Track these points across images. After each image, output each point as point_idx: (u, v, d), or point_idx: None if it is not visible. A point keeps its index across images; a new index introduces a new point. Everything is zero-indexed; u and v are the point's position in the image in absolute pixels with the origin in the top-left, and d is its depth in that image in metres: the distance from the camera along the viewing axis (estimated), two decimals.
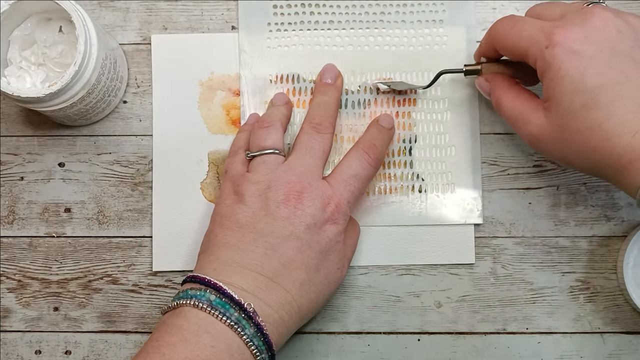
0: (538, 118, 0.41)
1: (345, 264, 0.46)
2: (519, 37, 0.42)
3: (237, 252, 0.42)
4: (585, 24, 0.40)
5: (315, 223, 0.43)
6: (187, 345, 0.38)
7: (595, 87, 0.38)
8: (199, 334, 0.38)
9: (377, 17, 0.51)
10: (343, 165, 0.46)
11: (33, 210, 0.51)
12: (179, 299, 0.40)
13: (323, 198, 0.43)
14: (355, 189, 0.45)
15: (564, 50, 0.39)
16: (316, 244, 0.43)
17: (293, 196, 0.43)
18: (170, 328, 0.39)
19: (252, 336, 0.39)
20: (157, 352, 0.38)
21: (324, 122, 0.47)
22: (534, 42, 0.40)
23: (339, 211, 0.44)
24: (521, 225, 0.50)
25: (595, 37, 0.39)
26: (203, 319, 0.39)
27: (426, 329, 0.49)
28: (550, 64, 0.39)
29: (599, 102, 0.38)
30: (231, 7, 0.51)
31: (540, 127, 0.41)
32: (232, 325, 0.39)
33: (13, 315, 0.50)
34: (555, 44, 0.39)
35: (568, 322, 0.49)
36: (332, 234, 0.44)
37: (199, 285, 0.41)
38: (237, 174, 0.46)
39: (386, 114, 0.49)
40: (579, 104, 0.39)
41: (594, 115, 0.38)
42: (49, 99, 0.45)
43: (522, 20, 0.43)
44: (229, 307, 0.39)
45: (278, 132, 0.47)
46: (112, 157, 0.51)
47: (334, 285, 0.45)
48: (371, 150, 0.46)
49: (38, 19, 0.48)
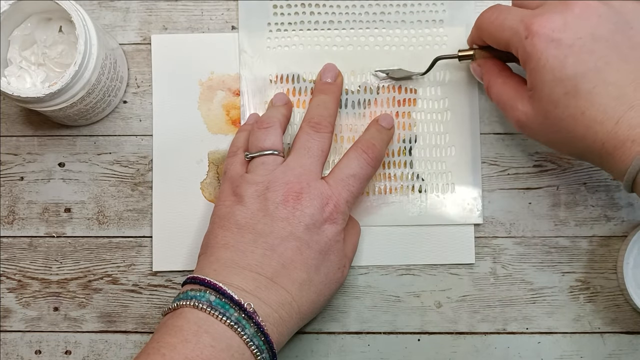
0: (524, 105, 0.42)
1: (347, 264, 0.46)
2: (501, 28, 0.42)
3: (237, 252, 0.42)
4: (564, 11, 0.39)
5: (314, 223, 0.43)
6: (187, 346, 0.38)
7: (575, 74, 0.38)
8: (199, 334, 0.38)
9: (377, 17, 0.51)
10: (341, 165, 0.46)
11: (33, 210, 0.51)
12: (179, 300, 0.41)
13: (322, 198, 0.44)
14: (354, 188, 0.45)
15: (543, 40, 0.39)
16: (315, 244, 0.43)
17: (292, 197, 0.43)
18: (171, 329, 0.39)
19: (252, 336, 0.39)
20: (157, 352, 0.38)
21: (322, 122, 0.47)
22: (514, 32, 0.41)
23: (338, 211, 0.44)
24: (521, 225, 0.50)
25: (575, 24, 0.39)
26: (203, 320, 0.39)
27: (426, 329, 0.49)
28: (530, 54, 0.39)
29: (580, 90, 0.38)
30: (231, 7, 0.51)
31: (527, 114, 0.42)
32: (232, 325, 0.39)
33: (13, 315, 0.50)
34: (534, 34, 0.39)
35: (568, 322, 0.49)
36: (332, 233, 0.44)
37: (199, 286, 0.41)
38: (236, 174, 0.46)
39: (386, 114, 0.49)
40: (561, 93, 0.39)
41: (576, 103, 0.39)
42: (49, 99, 0.45)
43: (505, 10, 0.43)
44: (228, 308, 0.39)
45: (277, 133, 0.47)
46: (112, 157, 0.51)
47: (335, 285, 0.45)
48: (370, 150, 0.46)
49: (38, 19, 0.48)
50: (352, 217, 0.48)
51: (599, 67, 0.38)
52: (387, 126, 0.48)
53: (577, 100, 0.39)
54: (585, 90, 0.38)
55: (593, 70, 0.38)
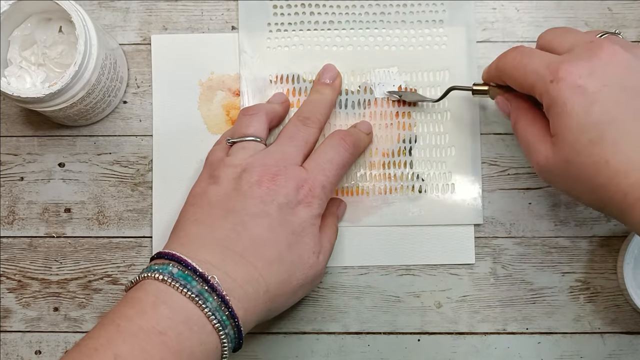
0: (547, 150, 0.41)
1: (323, 253, 0.45)
2: (525, 72, 0.41)
3: (206, 227, 0.42)
4: (592, 58, 0.39)
5: (287, 203, 0.42)
6: (144, 317, 0.36)
7: (601, 123, 0.37)
8: (157, 305, 0.37)
9: (377, 17, 0.51)
10: (319, 151, 0.46)
11: (33, 210, 0.51)
12: (141, 273, 0.39)
13: (297, 180, 0.43)
14: (330, 173, 0.45)
15: (569, 86, 0.38)
16: (288, 224, 0.42)
17: (267, 178, 0.43)
18: (129, 301, 0.38)
19: (215, 309, 0.38)
20: (112, 323, 0.36)
21: (312, 117, 0.47)
22: (539, 77, 0.40)
23: (313, 194, 0.43)
24: (521, 225, 0.50)
25: (602, 72, 0.38)
26: (163, 291, 0.38)
27: (426, 329, 0.49)
28: (555, 99, 0.39)
29: (605, 139, 0.37)
30: (231, 7, 0.51)
31: (549, 160, 0.40)
32: (193, 297, 0.37)
33: (13, 316, 0.50)
34: (560, 79, 0.38)
35: (568, 323, 0.49)
36: (306, 216, 0.43)
37: (163, 259, 0.40)
38: (216, 159, 0.45)
39: (364, 121, 0.50)
40: (585, 140, 0.38)
41: (600, 151, 0.37)
42: (49, 99, 0.45)
43: (529, 53, 0.42)
44: (191, 279, 0.38)
45: (261, 121, 0.46)
46: (112, 157, 0.51)
47: (311, 271, 0.44)
48: (348, 138, 0.46)
49: (38, 19, 0.48)
50: (330, 216, 0.47)
51: (626, 117, 0.37)
52: (365, 131, 0.49)
53: (601, 149, 0.37)
54: (611, 139, 0.37)
55: (619, 120, 0.37)
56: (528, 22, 0.51)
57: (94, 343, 0.35)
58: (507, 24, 0.51)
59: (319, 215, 0.44)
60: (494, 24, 0.51)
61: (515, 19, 0.51)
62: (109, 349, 0.35)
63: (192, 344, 0.37)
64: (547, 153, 0.40)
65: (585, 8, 0.51)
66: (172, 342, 0.36)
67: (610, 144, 0.37)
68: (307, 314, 0.49)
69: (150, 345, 0.35)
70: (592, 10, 0.51)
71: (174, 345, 0.36)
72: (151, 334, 0.36)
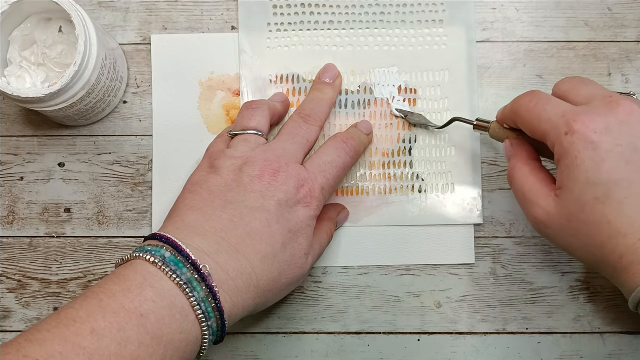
0: (548, 204, 0.40)
1: (312, 255, 0.45)
2: (539, 118, 0.40)
3: (204, 215, 0.41)
4: (608, 114, 0.38)
5: (287, 201, 0.42)
6: (128, 296, 0.36)
7: (609, 181, 0.37)
8: (144, 286, 0.36)
9: (377, 17, 0.51)
10: (320, 153, 0.46)
11: (33, 210, 0.51)
12: (133, 252, 0.39)
13: (298, 179, 0.43)
14: (330, 175, 0.45)
15: (583, 140, 0.38)
16: (286, 222, 0.42)
17: (268, 173, 0.43)
18: (117, 277, 0.37)
19: (201, 300, 0.37)
20: (95, 297, 0.36)
21: (313, 115, 0.47)
22: (553, 126, 0.39)
23: (312, 195, 0.43)
24: (521, 225, 0.50)
25: (617, 130, 0.38)
26: (152, 274, 0.37)
27: (426, 329, 0.49)
28: (567, 151, 0.38)
29: (611, 198, 0.37)
30: (231, 7, 0.51)
31: (549, 214, 0.40)
32: (181, 284, 0.37)
33: (13, 316, 0.50)
34: (575, 131, 0.38)
35: (568, 322, 0.49)
36: (304, 216, 0.43)
37: (157, 242, 0.39)
38: (217, 150, 0.45)
39: (365, 121, 0.50)
40: (591, 197, 0.37)
41: (603, 210, 0.37)
42: (49, 99, 0.45)
43: (545, 99, 0.41)
44: (182, 266, 0.38)
45: (264, 115, 0.46)
46: (112, 157, 0.51)
47: (298, 272, 0.43)
48: (349, 141, 0.46)
49: (38, 19, 0.48)
50: (327, 220, 0.47)
51: (633, 178, 0.37)
52: (366, 131, 0.49)
53: (605, 208, 0.37)
54: (616, 200, 0.37)
55: (627, 181, 0.37)
56: (528, 22, 0.51)
57: (74, 314, 0.35)
58: (507, 24, 0.51)
59: (316, 217, 0.44)
60: (494, 24, 0.51)
61: (515, 19, 0.51)
62: (87, 322, 0.34)
63: (172, 331, 0.36)
64: (547, 207, 0.40)
65: (585, 8, 0.51)
66: (152, 326, 0.35)
67: (615, 204, 0.37)
68: (307, 314, 0.49)
69: (129, 325, 0.35)
70: (592, 10, 0.51)
71: (154, 330, 0.35)
72: (132, 314, 0.35)
